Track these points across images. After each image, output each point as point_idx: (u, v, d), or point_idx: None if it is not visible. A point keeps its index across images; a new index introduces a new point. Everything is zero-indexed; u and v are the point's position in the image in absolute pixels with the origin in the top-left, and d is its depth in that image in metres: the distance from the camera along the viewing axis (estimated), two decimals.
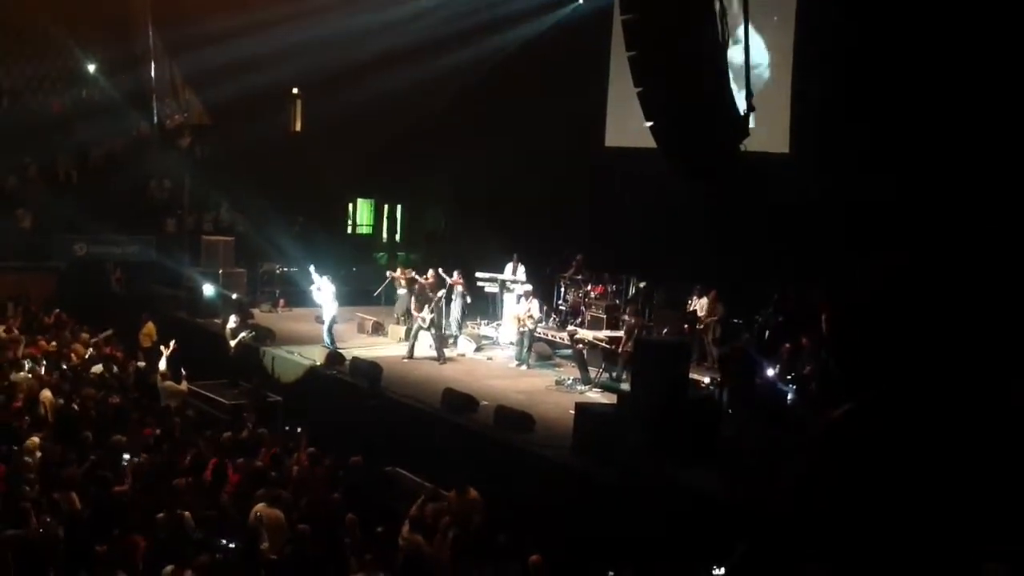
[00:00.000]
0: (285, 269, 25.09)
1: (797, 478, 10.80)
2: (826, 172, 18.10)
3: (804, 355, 15.26)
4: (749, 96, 11.93)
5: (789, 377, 15.09)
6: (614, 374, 16.93)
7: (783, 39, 20.05)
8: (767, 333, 17.17)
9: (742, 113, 11.88)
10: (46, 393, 14.50)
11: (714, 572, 9.71)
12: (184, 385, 16.21)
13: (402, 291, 21.50)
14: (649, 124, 12.04)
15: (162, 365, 16.61)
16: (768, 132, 18.82)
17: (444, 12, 25.32)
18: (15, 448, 11.80)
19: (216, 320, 21.08)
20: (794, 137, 19.72)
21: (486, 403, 15.14)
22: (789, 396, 14.32)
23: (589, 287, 20.04)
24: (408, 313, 20.44)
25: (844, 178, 17.59)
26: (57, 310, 21.64)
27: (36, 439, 12.07)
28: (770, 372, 15.37)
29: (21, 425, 13.06)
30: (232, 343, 18.59)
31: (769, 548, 9.60)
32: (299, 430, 14.63)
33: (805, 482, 10.68)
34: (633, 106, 12.66)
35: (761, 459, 11.70)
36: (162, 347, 17.47)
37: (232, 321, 18.91)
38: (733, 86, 11.92)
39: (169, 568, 8.48)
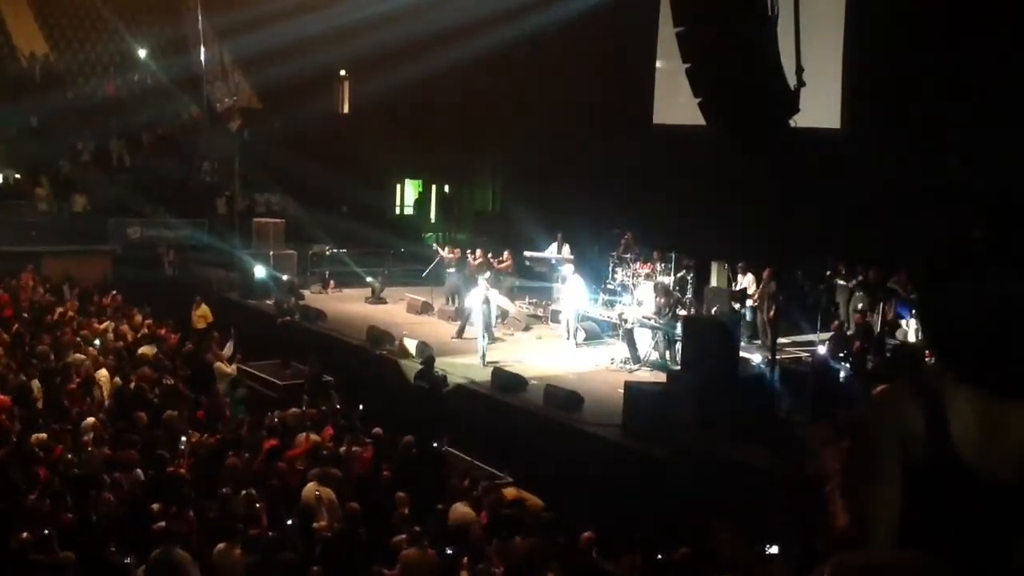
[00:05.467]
0: (335, 250, 25.23)
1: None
2: (877, 148, 17.84)
3: (857, 332, 15.11)
4: (799, 71, 11.77)
5: (841, 355, 14.97)
6: (665, 353, 16.85)
7: (835, 11, 19.72)
8: (818, 310, 17.05)
9: (792, 88, 11.73)
10: (102, 373, 14.72)
11: (768, 551, 9.63)
12: (233, 367, 16.39)
13: (451, 270, 21.52)
14: (698, 100, 11.95)
15: (228, 348, 16.80)
16: (819, 107, 18.52)
17: None
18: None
19: (268, 301, 21.26)
20: (845, 113, 19.43)
21: (535, 382, 15.14)
22: (842, 373, 14.21)
23: (638, 265, 19.92)
24: (457, 293, 20.44)
25: (895, 154, 17.32)
26: (114, 292, 21.91)
27: (92, 420, 12.28)
28: (822, 350, 15.27)
29: (78, 405, 13.28)
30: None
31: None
32: (359, 408, 14.79)
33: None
34: (681, 83, 12.57)
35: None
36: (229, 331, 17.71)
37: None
38: (783, 61, 11.78)
39: (222, 545, 8.62)
